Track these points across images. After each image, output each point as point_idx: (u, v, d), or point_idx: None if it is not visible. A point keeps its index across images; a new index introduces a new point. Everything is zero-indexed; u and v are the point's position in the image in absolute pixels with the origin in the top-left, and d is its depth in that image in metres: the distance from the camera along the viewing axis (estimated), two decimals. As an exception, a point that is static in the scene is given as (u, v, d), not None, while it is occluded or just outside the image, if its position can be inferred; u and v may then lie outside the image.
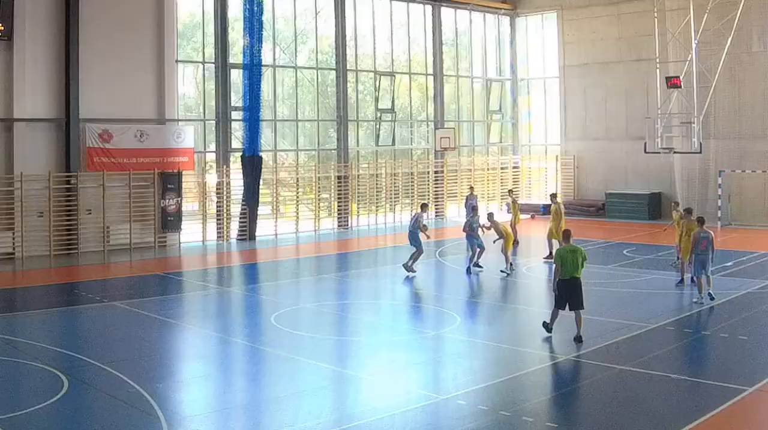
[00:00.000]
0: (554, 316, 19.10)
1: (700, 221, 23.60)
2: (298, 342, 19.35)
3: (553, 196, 31.89)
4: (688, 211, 26.14)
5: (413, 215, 29.32)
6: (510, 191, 39.99)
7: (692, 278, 24.11)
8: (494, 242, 28.43)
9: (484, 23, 49.22)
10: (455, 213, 44.97)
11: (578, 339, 18.48)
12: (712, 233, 23.14)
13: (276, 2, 38.89)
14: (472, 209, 30.75)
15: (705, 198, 40.71)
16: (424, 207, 29.71)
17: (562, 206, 30.88)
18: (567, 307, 18.75)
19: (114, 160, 33.14)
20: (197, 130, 36.35)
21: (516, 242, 31.87)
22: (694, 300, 22.81)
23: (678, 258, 26.78)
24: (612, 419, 13.89)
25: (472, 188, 39.62)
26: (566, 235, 19.55)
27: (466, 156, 47.99)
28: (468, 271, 27.99)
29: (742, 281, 25.61)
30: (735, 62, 39.80)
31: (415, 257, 27.93)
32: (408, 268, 27.73)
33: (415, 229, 28.15)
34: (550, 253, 29.59)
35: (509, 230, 28.97)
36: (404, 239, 37.46)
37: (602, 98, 46.57)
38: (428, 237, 28.48)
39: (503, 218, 35.21)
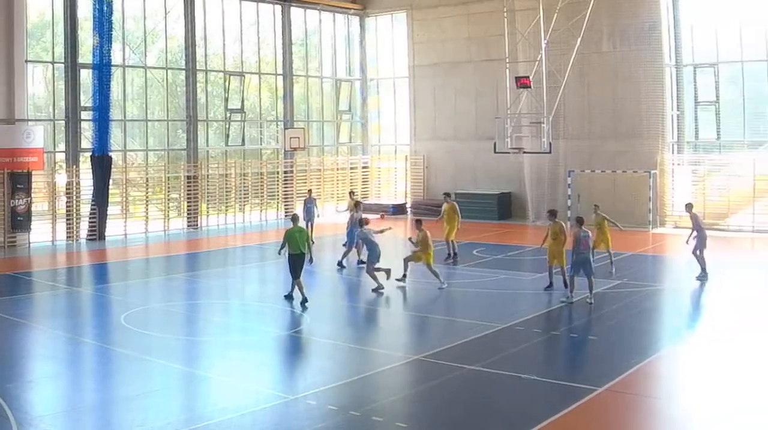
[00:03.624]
0: (294, 286, 23.02)
1: (579, 220, 23.57)
2: (148, 342, 19.49)
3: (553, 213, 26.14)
4: (553, 213, 25.35)
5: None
6: (351, 193, 40.16)
7: (564, 279, 23.92)
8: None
9: (333, 23, 49.56)
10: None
11: (305, 300, 22.58)
12: (590, 232, 23.45)
13: (126, 2, 38.63)
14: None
15: (554, 198, 40.69)
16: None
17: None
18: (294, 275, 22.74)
19: (-37, 160, 32.76)
20: (47, 130, 35.97)
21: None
22: (562, 299, 22.92)
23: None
24: (462, 419, 14.06)
25: (310, 191, 38.49)
26: (294, 218, 24.03)
27: (315, 156, 48.27)
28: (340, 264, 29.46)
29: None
30: (584, 62, 40.03)
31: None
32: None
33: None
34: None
35: None
36: (253, 239, 37.97)
37: (452, 98, 46.69)
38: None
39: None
